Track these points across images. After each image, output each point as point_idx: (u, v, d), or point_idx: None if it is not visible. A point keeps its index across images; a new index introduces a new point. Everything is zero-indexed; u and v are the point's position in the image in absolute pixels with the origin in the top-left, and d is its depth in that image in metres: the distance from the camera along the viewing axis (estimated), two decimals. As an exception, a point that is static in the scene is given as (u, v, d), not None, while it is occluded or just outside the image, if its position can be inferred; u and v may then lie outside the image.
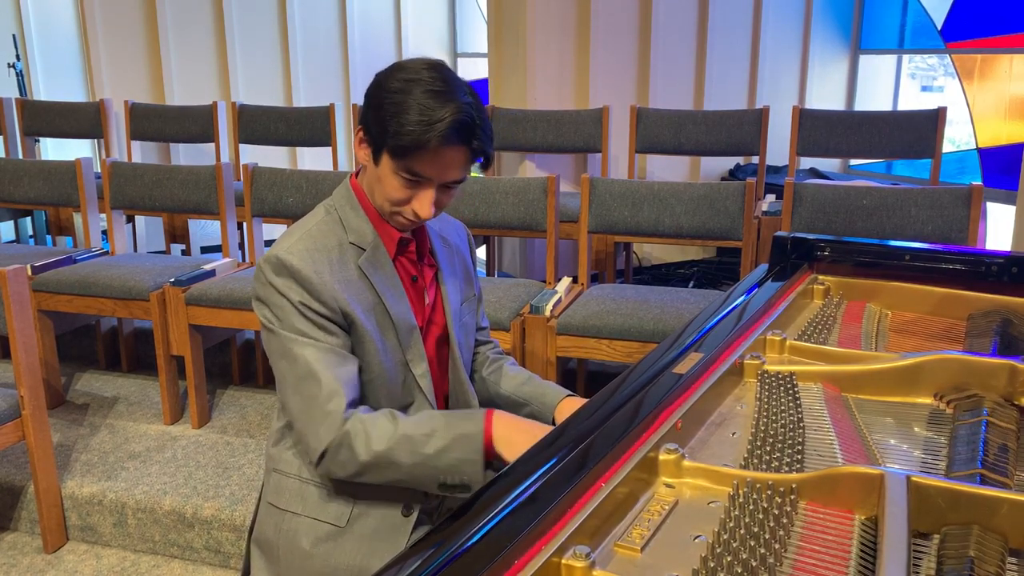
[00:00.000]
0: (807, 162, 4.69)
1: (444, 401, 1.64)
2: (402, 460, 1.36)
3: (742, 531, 0.98)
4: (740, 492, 1.07)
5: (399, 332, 1.50)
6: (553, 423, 1.58)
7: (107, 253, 3.48)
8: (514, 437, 1.35)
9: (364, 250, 1.48)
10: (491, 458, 1.36)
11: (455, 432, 1.36)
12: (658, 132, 4.14)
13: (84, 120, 4.68)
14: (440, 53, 6.06)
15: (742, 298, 1.73)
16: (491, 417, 1.38)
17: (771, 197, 3.82)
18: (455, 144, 1.35)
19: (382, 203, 1.45)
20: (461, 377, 1.61)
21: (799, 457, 1.18)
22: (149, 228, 4.81)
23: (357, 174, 1.54)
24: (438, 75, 1.37)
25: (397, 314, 1.49)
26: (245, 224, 3.37)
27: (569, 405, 1.59)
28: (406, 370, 1.52)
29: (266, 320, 1.45)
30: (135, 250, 4.62)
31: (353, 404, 1.41)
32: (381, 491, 1.48)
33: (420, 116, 1.32)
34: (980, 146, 4.61)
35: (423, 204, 1.41)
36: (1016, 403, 1.34)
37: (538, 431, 1.34)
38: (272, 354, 1.46)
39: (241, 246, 4.01)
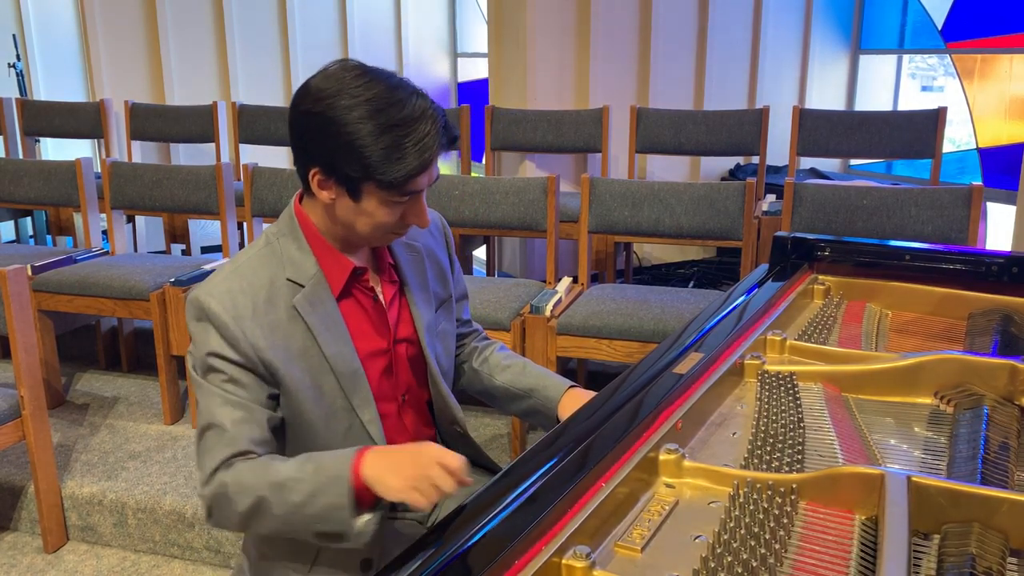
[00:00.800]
0: (807, 162, 4.69)
1: (430, 410, 1.57)
2: (275, 509, 1.25)
3: (742, 531, 0.98)
4: (740, 492, 1.07)
5: (338, 376, 1.39)
6: (557, 420, 1.53)
7: (107, 253, 3.48)
8: (385, 477, 1.20)
9: (302, 286, 1.37)
10: (364, 501, 1.22)
11: (323, 476, 1.23)
12: (658, 132, 4.14)
13: (84, 120, 4.68)
14: (440, 53, 6.07)
15: (742, 298, 1.73)
16: (361, 457, 1.23)
17: (771, 197, 3.82)
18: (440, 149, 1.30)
19: (371, 232, 1.35)
20: (441, 391, 1.52)
21: (799, 457, 1.18)
22: (149, 228, 4.81)
23: (301, 198, 1.42)
24: (371, 80, 1.27)
25: (334, 356, 1.38)
26: (245, 224, 3.37)
27: (572, 398, 1.53)
28: (351, 416, 1.41)
29: (189, 355, 1.38)
30: (135, 250, 4.62)
31: (245, 456, 1.31)
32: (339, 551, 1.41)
33: (406, 142, 1.24)
34: (980, 146, 4.61)
35: (420, 215, 1.35)
36: (1016, 403, 1.34)
37: (405, 458, 1.21)
38: (194, 389, 1.37)
39: (241, 246, 4.01)
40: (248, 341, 1.31)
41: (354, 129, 1.24)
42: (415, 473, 1.18)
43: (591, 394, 1.50)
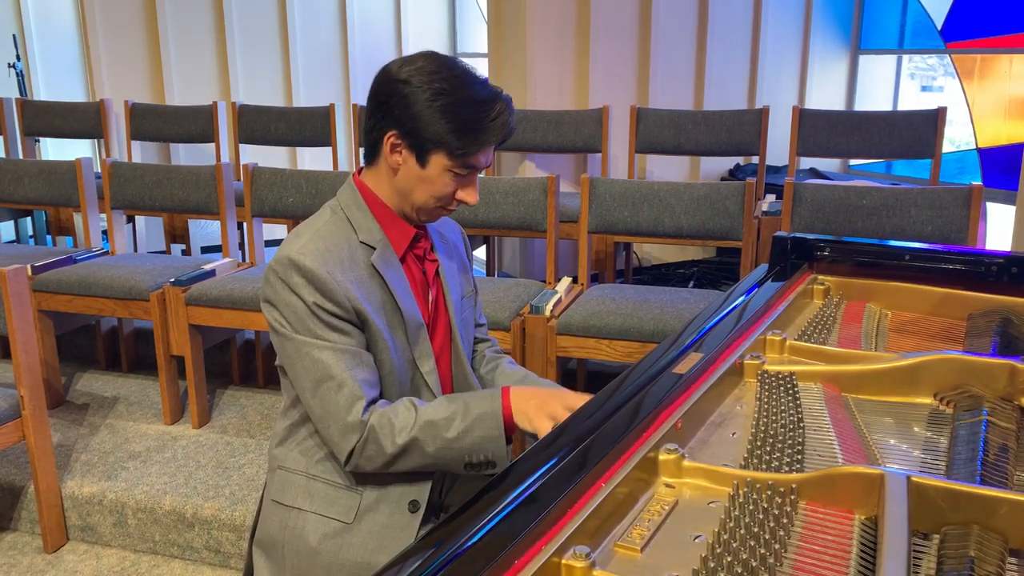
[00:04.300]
0: (807, 162, 4.69)
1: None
2: (427, 447, 1.40)
3: (742, 531, 0.98)
4: (740, 492, 1.07)
5: (408, 329, 1.51)
6: None
7: (107, 253, 3.48)
8: (528, 409, 1.41)
9: (374, 248, 1.49)
10: (511, 432, 1.42)
11: (475, 413, 1.41)
12: (658, 132, 4.14)
13: (84, 120, 4.68)
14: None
15: (742, 298, 1.73)
16: (508, 394, 1.43)
17: (771, 197, 3.82)
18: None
19: (426, 200, 1.47)
20: (465, 370, 1.62)
21: (799, 457, 1.18)
22: (149, 228, 4.81)
23: (359, 172, 1.54)
24: (460, 68, 1.43)
25: (407, 311, 1.50)
26: (245, 224, 3.37)
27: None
28: (413, 368, 1.53)
29: (277, 323, 1.44)
30: (135, 250, 4.62)
31: (373, 402, 1.44)
32: (388, 487, 1.49)
33: (484, 118, 1.39)
34: (980, 146, 4.61)
35: (471, 192, 1.47)
36: (1016, 403, 1.34)
37: (546, 395, 1.43)
38: (286, 358, 1.45)
39: (241, 246, 4.01)
40: (342, 292, 1.42)
41: (437, 101, 1.38)
42: (560, 409, 1.39)
43: (578, 395, 1.55)
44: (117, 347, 3.69)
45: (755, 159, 4.23)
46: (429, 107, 1.38)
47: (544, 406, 1.41)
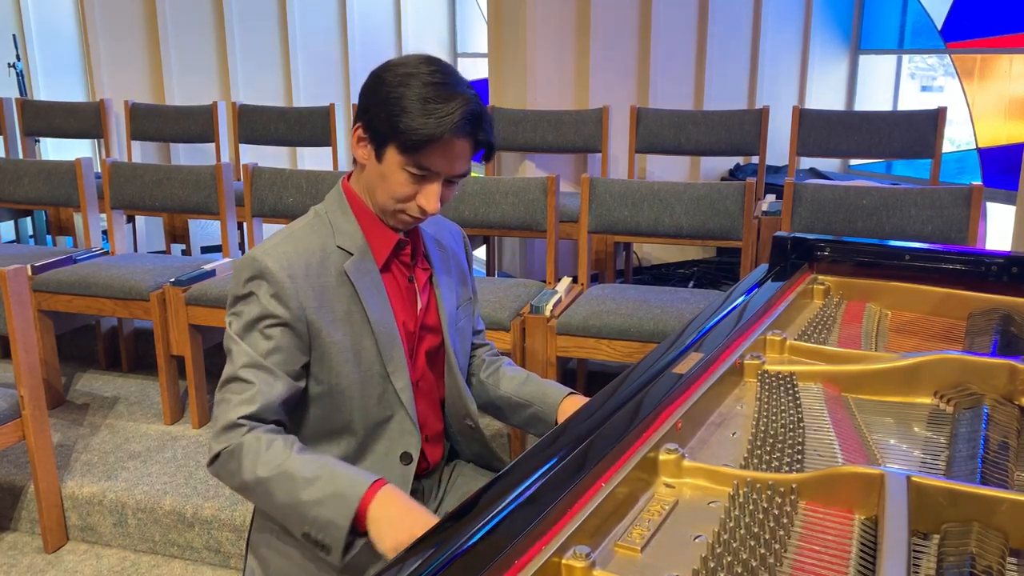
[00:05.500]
0: (807, 162, 4.69)
1: (441, 406, 1.60)
2: (276, 496, 1.32)
3: (742, 531, 0.98)
4: (740, 492, 1.07)
5: (379, 341, 1.46)
6: (556, 423, 1.56)
7: (107, 253, 3.48)
8: (383, 528, 1.25)
9: (352, 254, 1.45)
10: (362, 530, 1.27)
11: (334, 488, 1.28)
12: (658, 132, 4.14)
13: (84, 120, 4.68)
14: (440, 53, 6.05)
15: (742, 298, 1.73)
16: (376, 489, 1.28)
17: (771, 197, 3.82)
18: (463, 136, 1.37)
19: (386, 201, 1.42)
20: (458, 383, 1.58)
21: (799, 457, 1.18)
22: (149, 228, 4.81)
23: (350, 177, 1.52)
24: (437, 68, 1.39)
25: (377, 322, 1.45)
26: (245, 224, 3.37)
27: (572, 404, 1.57)
28: (385, 382, 1.48)
29: (228, 315, 1.44)
30: (135, 250, 4.62)
31: (262, 421, 1.37)
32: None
33: (432, 110, 1.33)
34: (980, 146, 4.61)
35: (429, 198, 1.40)
36: (1016, 402, 1.34)
37: (416, 526, 1.20)
38: (225, 347, 1.43)
39: (241, 246, 4.01)
40: (298, 300, 1.40)
41: (395, 91, 1.36)
42: (407, 539, 1.15)
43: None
44: (117, 347, 3.69)
45: (755, 159, 4.23)
46: (386, 98, 1.35)
47: (399, 533, 1.21)
